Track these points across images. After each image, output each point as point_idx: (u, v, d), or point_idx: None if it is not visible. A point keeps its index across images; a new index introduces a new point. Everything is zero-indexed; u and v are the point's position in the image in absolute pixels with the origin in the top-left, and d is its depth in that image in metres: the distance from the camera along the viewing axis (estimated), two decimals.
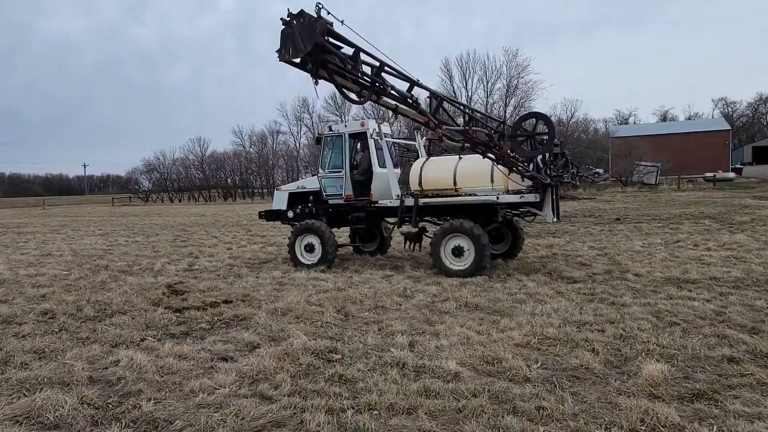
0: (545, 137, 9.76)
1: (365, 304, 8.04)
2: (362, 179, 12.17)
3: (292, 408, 4.35)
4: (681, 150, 58.21)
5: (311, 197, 12.81)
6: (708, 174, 51.01)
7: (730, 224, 18.13)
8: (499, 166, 10.30)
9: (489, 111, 68.12)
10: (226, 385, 4.85)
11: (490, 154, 9.71)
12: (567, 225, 20.87)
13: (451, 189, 11.18)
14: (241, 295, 8.87)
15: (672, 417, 3.96)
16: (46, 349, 6.08)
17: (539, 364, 5.26)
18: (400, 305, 7.98)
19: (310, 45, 6.96)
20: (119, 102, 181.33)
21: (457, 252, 10.41)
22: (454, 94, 68.00)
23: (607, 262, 11.32)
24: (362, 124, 12.09)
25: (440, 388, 4.67)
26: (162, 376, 5.15)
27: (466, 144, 9.45)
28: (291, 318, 7.30)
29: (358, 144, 12.41)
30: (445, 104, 9.68)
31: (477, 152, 9.79)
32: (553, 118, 63.60)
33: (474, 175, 10.91)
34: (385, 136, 12.07)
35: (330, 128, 12.66)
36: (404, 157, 14.29)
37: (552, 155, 10.56)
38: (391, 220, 12.40)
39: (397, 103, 8.38)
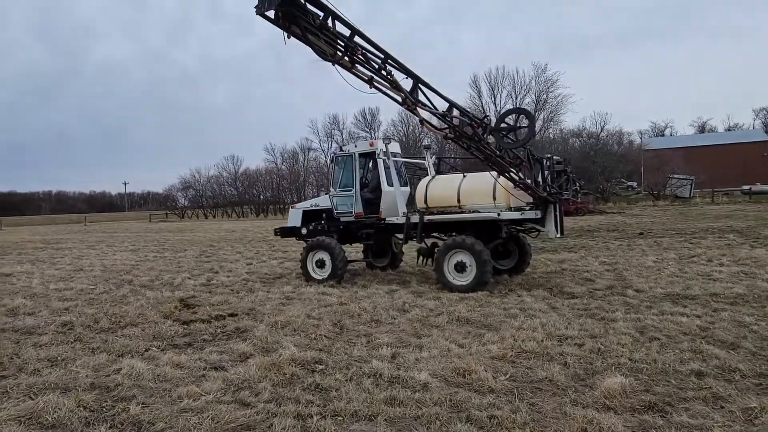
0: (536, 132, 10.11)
1: (362, 318, 8.37)
2: (372, 197, 12.58)
3: (265, 413, 4.71)
4: (717, 162, 56.83)
5: (324, 215, 13.28)
6: (745, 187, 49.59)
7: (755, 239, 17.81)
8: (500, 182, 10.57)
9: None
10: (211, 392, 5.25)
11: (477, 153, 10.01)
12: (587, 240, 20.82)
13: (456, 206, 11.47)
14: (247, 309, 9.32)
15: (616, 427, 4.16)
16: (59, 358, 6.61)
17: (508, 376, 5.50)
18: (395, 319, 8.28)
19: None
20: (161, 122, 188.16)
21: (460, 267, 10.66)
22: (483, 109, 68.14)
23: (613, 278, 11.37)
24: (371, 145, 12.51)
25: (406, 397, 4.96)
26: (156, 383, 5.58)
27: (449, 134, 9.87)
28: (288, 331, 7.68)
29: (368, 163, 12.86)
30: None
31: (462, 146, 10.12)
32: (583, 133, 62.46)
33: (477, 192, 11.17)
34: (394, 156, 12.49)
35: (341, 148, 13.16)
36: (415, 176, 14.66)
37: (555, 172, 10.79)
38: (401, 236, 12.73)
39: (373, 75, 8.67)
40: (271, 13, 7.63)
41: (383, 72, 8.55)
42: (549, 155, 10.94)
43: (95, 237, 34.75)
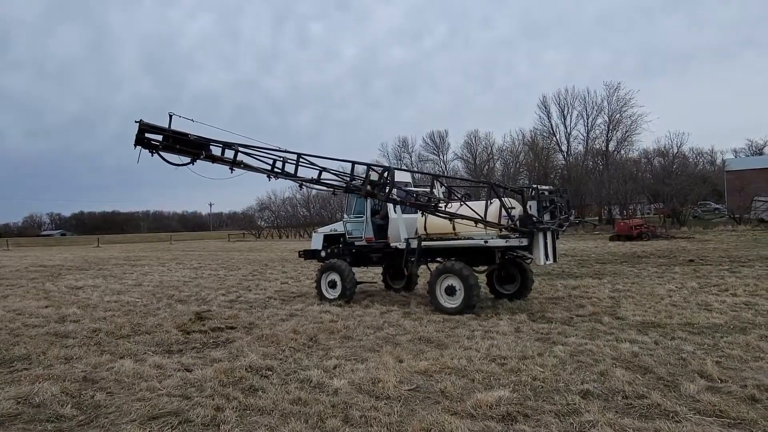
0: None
1: (337, 334, 9.32)
2: (382, 224, 13.60)
3: (194, 404, 5.80)
4: None
5: (341, 239, 14.44)
6: None
7: None
8: (489, 211, 11.27)
9: (589, 146, 66.43)
10: (166, 387, 6.43)
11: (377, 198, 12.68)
12: (626, 267, 20.51)
13: (452, 233, 12.20)
14: (248, 323, 10.56)
15: (458, 429, 4.86)
16: (73, 357, 8.09)
17: (414, 387, 6.26)
18: (366, 336, 9.16)
19: (136, 137, 11.21)
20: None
21: (450, 291, 11.38)
22: (552, 130, 67.31)
23: (606, 305, 11.58)
24: None
25: (312, 398, 5.88)
26: (131, 379, 6.83)
27: (335, 192, 13.45)
28: (266, 342, 8.79)
29: None
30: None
31: (358, 195, 12.82)
32: (669, 152, 58.99)
33: (469, 220, 11.85)
34: (405, 186, 13.50)
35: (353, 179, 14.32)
36: None
37: (545, 202, 11.33)
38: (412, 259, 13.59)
39: (230, 164, 11.71)
40: (136, 146, 11.12)
41: (236, 162, 11.70)
42: (535, 185, 11.47)
43: (171, 255, 37.96)
